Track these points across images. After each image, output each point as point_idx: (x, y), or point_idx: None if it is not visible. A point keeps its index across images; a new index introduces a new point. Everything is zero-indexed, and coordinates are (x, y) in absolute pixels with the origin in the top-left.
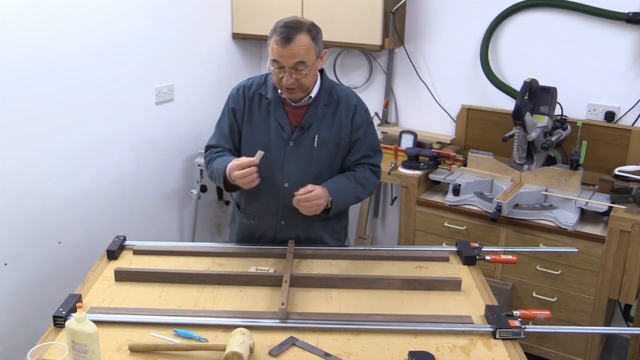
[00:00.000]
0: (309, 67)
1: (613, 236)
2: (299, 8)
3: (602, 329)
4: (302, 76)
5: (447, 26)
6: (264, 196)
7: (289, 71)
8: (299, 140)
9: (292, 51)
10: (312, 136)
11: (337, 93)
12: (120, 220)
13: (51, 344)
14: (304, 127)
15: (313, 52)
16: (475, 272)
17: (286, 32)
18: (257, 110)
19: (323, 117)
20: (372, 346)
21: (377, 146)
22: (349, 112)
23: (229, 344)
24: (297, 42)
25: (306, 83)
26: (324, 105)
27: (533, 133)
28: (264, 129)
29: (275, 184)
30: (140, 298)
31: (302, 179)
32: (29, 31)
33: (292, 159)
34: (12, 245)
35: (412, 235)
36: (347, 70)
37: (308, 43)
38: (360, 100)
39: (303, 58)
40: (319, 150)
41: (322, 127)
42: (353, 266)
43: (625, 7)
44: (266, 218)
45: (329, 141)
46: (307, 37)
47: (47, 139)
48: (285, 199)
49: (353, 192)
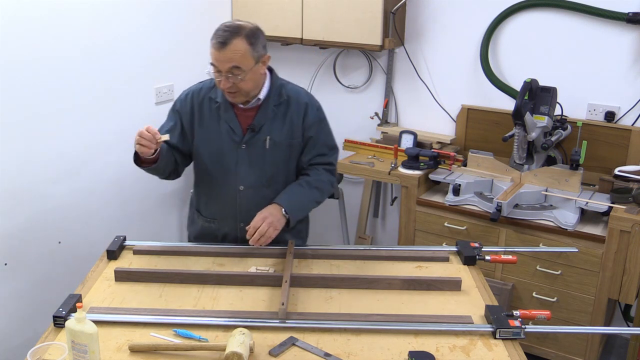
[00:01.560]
0: (245, 72)
1: (613, 236)
2: (299, 8)
3: (602, 329)
4: (238, 81)
5: (447, 26)
6: (221, 200)
7: (225, 75)
8: (251, 143)
9: (227, 55)
10: (263, 138)
11: (287, 92)
12: (120, 220)
13: (51, 344)
14: (255, 129)
15: (250, 57)
16: (475, 272)
17: (223, 36)
18: (207, 114)
19: (274, 118)
20: (372, 346)
21: (332, 143)
22: (300, 111)
23: (229, 344)
24: (233, 46)
25: (244, 87)
26: (274, 106)
27: (533, 133)
28: (216, 132)
29: (230, 188)
30: (140, 298)
31: (256, 181)
32: (28, 31)
33: (244, 161)
34: (12, 245)
35: (412, 235)
36: (347, 70)
37: (244, 48)
38: (311, 97)
39: (238, 63)
40: (271, 152)
41: (274, 128)
42: (353, 266)
43: (625, 7)
44: (225, 221)
45: (282, 142)
46: (244, 42)
47: (47, 139)
48: (242, 201)
49: (309, 198)
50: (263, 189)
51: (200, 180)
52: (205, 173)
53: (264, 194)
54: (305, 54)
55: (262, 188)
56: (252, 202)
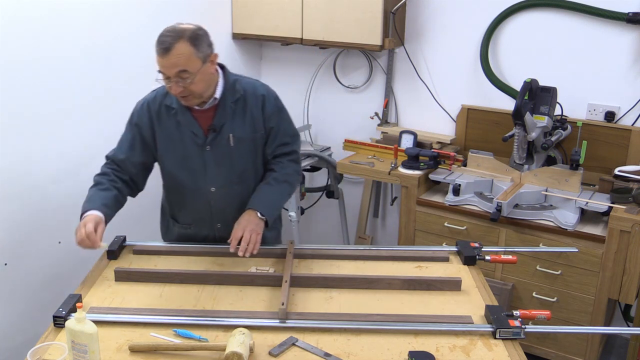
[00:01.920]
0: (193, 75)
1: (613, 236)
2: (299, 8)
3: (602, 329)
4: (187, 84)
5: (447, 26)
6: (194, 204)
7: (174, 80)
8: (215, 143)
9: (172, 60)
10: (226, 136)
11: (242, 87)
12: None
13: (51, 344)
14: (216, 129)
15: (195, 59)
16: (475, 272)
17: (165, 42)
18: (166, 121)
19: (234, 115)
20: (372, 346)
21: (293, 131)
22: (258, 104)
23: (229, 344)
24: (176, 50)
25: (196, 90)
26: (231, 103)
27: (533, 133)
28: (178, 138)
29: (201, 191)
30: (140, 298)
31: (226, 180)
32: (29, 31)
33: (212, 163)
34: (12, 245)
35: (412, 235)
36: (347, 70)
37: (188, 51)
38: (268, 89)
39: (184, 66)
40: (237, 149)
41: (235, 125)
42: (353, 266)
43: (625, 7)
44: (202, 224)
45: (245, 137)
46: (187, 44)
47: (47, 139)
48: (215, 202)
49: (280, 194)
50: (234, 187)
51: (169, 187)
52: (174, 180)
53: (235, 192)
54: (305, 54)
55: (233, 186)
56: (225, 202)
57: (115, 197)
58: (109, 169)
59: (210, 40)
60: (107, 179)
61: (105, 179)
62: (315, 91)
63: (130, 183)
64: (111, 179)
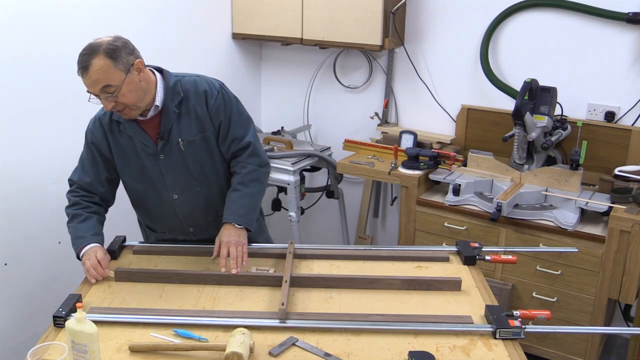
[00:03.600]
0: (117, 87)
1: (613, 236)
2: (299, 8)
3: (602, 329)
4: (115, 98)
5: (447, 26)
6: (162, 214)
7: (102, 97)
8: (166, 151)
9: (92, 78)
10: (175, 142)
11: (183, 87)
12: (120, 220)
13: (51, 344)
14: (164, 136)
15: (116, 71)
16: (475, 272)
17: (82, 61)
18: (118, 136)
19: (179, 118)
20: (372, 346)
21: (244, 120)
22: (202, 102)
23: (229, 344)
24: (93, 68)
25: (128, 102)
26: (174, 107)
27: (533, 133)
28: (132, 152)
29: (164, 200)
30: (140, 298)
31: (187, 185)
32: (29, 31)
33: (168, 171)
34: (12, 245)
35: (412, 235)
36: (347, 70)
37: (105, 64)
38: (210, 82)
39: (105, 81)
40: (189, 152)
41: (182, 128)
42: (353, 266)
43: (625, 7)
44: (175, 231)
45: (194, 139)
46: (102, 58)
47: (48, 139)
48: (181, 208)
49: (251, 195)
50: (196, 189)
51: (135, 201)
52: (137, 194)
53: (199, 195)
54: (305, 54)
55: (195, 188)
56: (190, 206)
57: (97, 220)
58: (77, 197)
59: (132, 47)
60: (81, 208)
61: (80, 210)
62: (315, 91)
63: (101, 202)
64: (84, 207)
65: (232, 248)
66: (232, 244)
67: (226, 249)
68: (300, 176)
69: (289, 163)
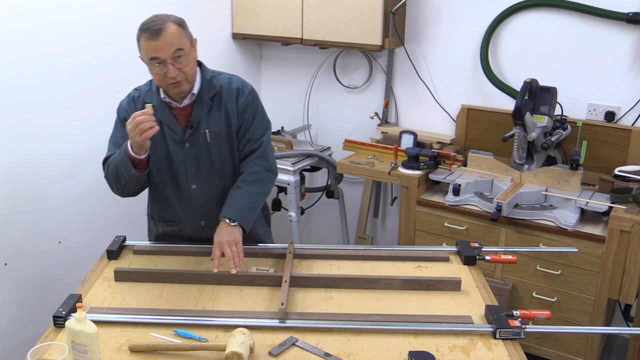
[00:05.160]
0: (187, 53)
1: (613, 236)
2: (299, 8)
3: (602, 329)
4: (184, 65)
5: (447, 26)
6: (177, 202)
7: (170, 63)
8: (193, 140)
9: (167, 40)
10: (203, 132)
11: (218, 83)
12: (120, 220)
13: (51, 344)
14: (193, 125)
15: (186, 39)
16: (475, 272)
17: (155, 25)
18: None
19: (210, 111)
20: (372, 346)
21: (264, 123)
22: (233, 98)
23: (229, 344)
24: (167, 31)
25: (189, 71)
26: (208, 99)
27: (533, 133)
28: (159, 136)
29: (183, 189)
30: (140, 298)
31: (207, 177)
32: (29, 32)
33: (191, 160)
34: (12, 245)
35: (412, 235)
36: (347, 70)
37: (178, 30)
38: (243, 82)
39: (179, 44)
40: (214, 145)
41: (211, 120)
42: (353, 266)
43: (625, 7)
44: (186, 222)
45: (221, 132)
46: (175, 25)
47: (47, 139)
48: (197, 199)
49: (250, 195)
50: (214, 183)
51: (153, 186)
52: (157, 178)
53: (216, 188)
54: (305, 54)
55: (214, 182)
56: (206, 199)
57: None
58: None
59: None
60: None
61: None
62: (315, 91)
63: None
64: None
65: (225, 248)
66: (224, 245)
67: (219, 250)
68: (300, 176)
69: (289, 163)
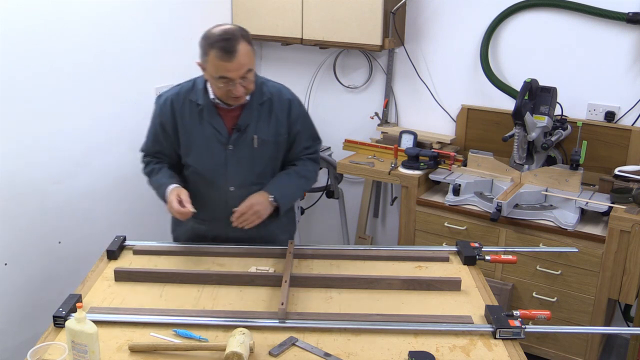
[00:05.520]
0: (253, 72)
1: (613, 236)
2: (299, 8)
3: (602, 329)
4: (250, 82)
5: (447, 26)
6: (212, 201)
7: (239, 82)
8: (238, 143)
9: (240, 62)
10: (250, 137)
11: (269, 90)
12: (120, 220)
13: (51, 344)
14: (241, 129)
15: (254, 56)
16: (475, 272)
17: (227, 45)
18: (189, 117)
19: (259, 117)
20: (372, 346)
21: (315, 134)
22: (284, 108)
23: (229, 344)
24: (241, 52)
25: (252, 87)
26: (258, 105)
27: (533, 133)
28: (201, 135)
29: (220, 189)
30: (140, 298)
31: (246, 180)
32: (29, 32)
33: (233, 162)
34: (12, 245)
35: (412, 235)
36: (347, 70)
37: (249, 49)
38: (293, 93)
39: (249, 65)
40: (260, 150)
41: (260, 126)
42: (353, 266)
43: (625, 7)
44: (216, 222)
45: (268, 140)
46: (246, 43)
47: (48, 139)
48: (233, 202)
49: (297, 187)
50: (252, 187)
51: (189, 182)
52: (195, 176)
53: (253, 192)
54: (305, 54)
55: (252, 186)
56: (242, 201)
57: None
58: (148, 159)
59: None
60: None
61: (152, 165)
62: (315, 91)
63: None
64: (155, 163)
65: (249, 212)
66: (254, 209)
67: (247, 209)
68: None
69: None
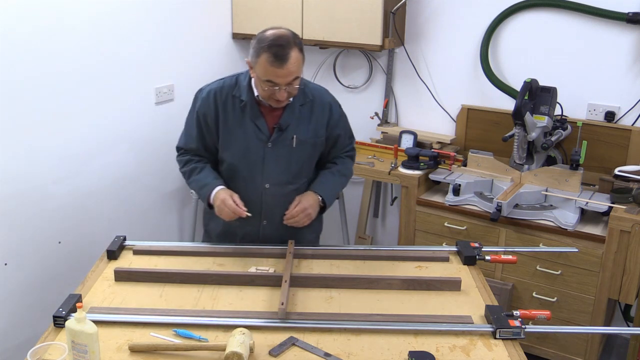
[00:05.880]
0: (300, 79)
1: (613, 236)
2: (299, 8)
3: (602, 329)
4: (294, 88)
5: (447, 26)
6: (246, 198)
7: (285, 88)
8: (278, 141)
9: (289, 69)
10: (290, 137)
11: (310, 92)
12: (120, 220)
13: (51, 344)
14: (282, 128)
15: (302, 64)
16: (475, 272)
17: (280, 51)
18: (231, 112)
19: (300, 117)
20: (372, 346)
21: (351, 132)
22: (325, 110)
23: (229, 344)
24: (292, 60)
25: (295, 93)
26: (300, 106)
27: (533, 133)
28: (241, 131)
29: (256, 186)
30: (140, 298)
31: (282, 179)
32: (29, 32)
33: (271, 160)
34: (12, 245)
35: (412, 235)
36: (347, 70)
37: (300, 57)
38: (332, 96)
39: (297, 73)
40: (298, 150)
41: (300, 127)
42: (353, 266)
43: (625, 7)
44: (248, 220)
45: (307, 140)
46: (297, 51)
47: (48, 139)
48: (267, 199)
49: (339, 184)
50: (288, 186)
51: (225, 177)
52: (230, 171)
53: (288, 191)
54: (305, 54)
55: (287, 185)
56: (276, 200)
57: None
58: (186, 156)
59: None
60: (193, 162)
61: (193, 164)
62: None
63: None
64: (196, 161)
65: (301, 215)
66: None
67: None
68: None
69: None
